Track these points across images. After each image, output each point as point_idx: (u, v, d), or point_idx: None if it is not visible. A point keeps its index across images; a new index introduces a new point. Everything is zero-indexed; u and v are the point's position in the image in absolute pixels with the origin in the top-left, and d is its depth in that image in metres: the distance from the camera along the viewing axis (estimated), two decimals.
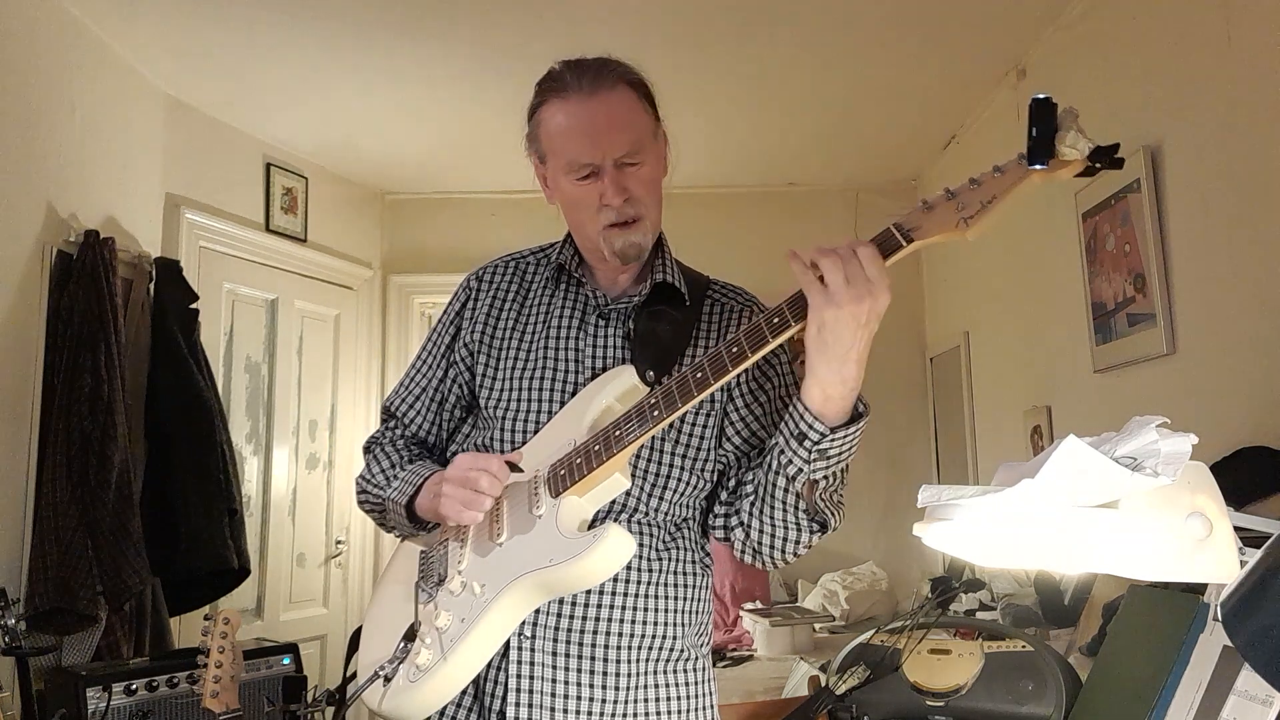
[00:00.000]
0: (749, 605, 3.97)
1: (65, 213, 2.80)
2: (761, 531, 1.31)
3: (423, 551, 1.42)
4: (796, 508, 1.26)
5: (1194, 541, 0.86)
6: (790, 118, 3.74)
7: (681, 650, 1.38)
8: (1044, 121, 1.02)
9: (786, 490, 1.24)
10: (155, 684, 2.26)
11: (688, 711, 1.37)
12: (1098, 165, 1.03)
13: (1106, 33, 2.65)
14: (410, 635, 1.29)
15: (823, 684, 1.84)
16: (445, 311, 1.55)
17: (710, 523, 1.42)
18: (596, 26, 2.96)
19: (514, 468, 1.29)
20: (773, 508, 1.28)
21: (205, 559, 2.96)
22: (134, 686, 2.23)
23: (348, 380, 4.38)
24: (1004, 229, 3.49)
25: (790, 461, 1.22)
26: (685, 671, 1.38)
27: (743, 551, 1.36)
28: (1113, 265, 2.56)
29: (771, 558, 1.33)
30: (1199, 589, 1.24)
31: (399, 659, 1.26)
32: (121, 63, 3.14)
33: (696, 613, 1.41)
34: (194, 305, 3.22)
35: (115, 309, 2.77)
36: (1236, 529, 0.89)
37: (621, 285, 1.47)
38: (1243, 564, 0.85)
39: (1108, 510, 0.86)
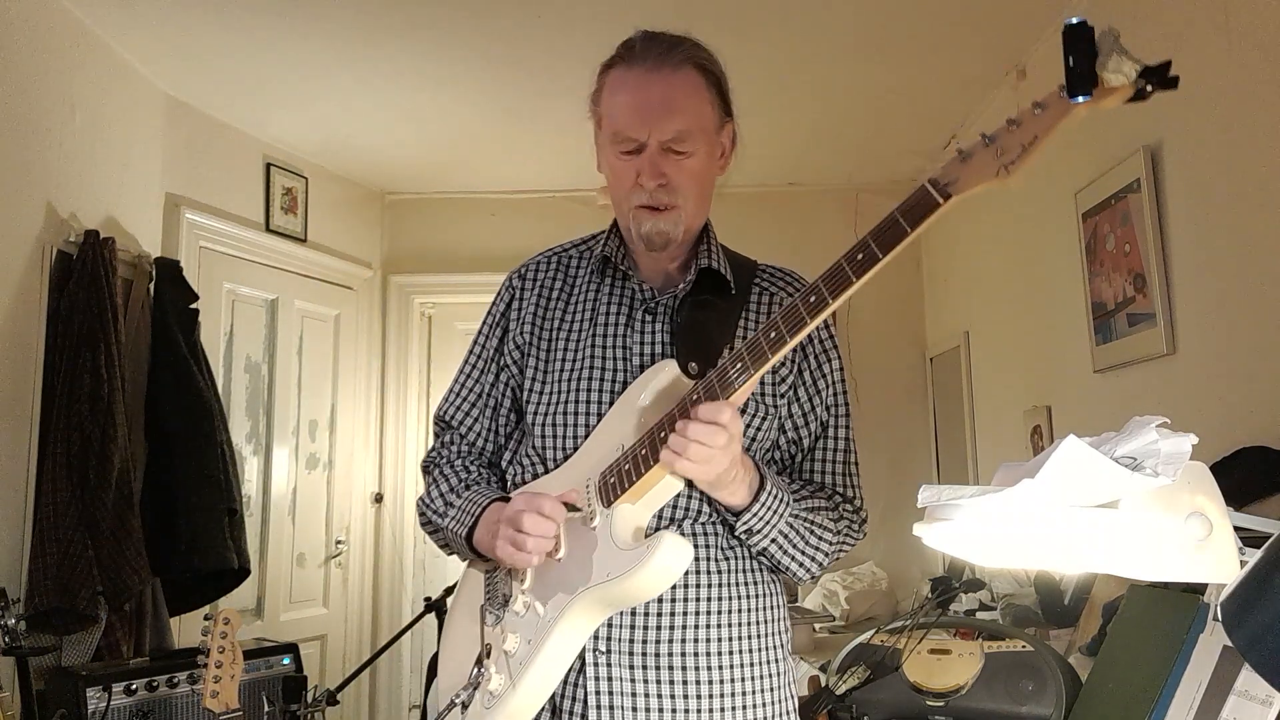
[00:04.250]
0: None
1: (65, 213, 2.80)
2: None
3: (487, 573, 1.39)
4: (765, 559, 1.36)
5: (1194, 541, 0.86)
6: (790, 118, 3.74)
7: (759, 651, 1.35)
8: (1081, 49, 0.91)
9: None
10: (155, 684, 2.26)
11: (771, 718, 1.34)
12: (1149, 88, 0.92)
13: None
14: (482, 660, 1.28)
15: (823, 684, 1.84)
16: (490, 313, 1.51)
17: None
18: (596, 26, 2.95)
19: (571, 507, 1.27)
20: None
21: (205, 559, 2.96)
22: (134, 686, 2.23)
23: (348, 380, 4.38)
24: (1004, 229, 3.50)
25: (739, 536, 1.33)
26: (766, 677, 1.34)
27: None
28: (1113, 265, 2.56)
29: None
30: (1199, 589, 1.24)
31: (473, 685, 1.25)
32: (121, 63, 3.14)
33: (769, 609, 1.38)
34: (194, 305, 3.22)
35: (115, 309, 2.77)
36: (1236, 529, 0.89)
37: (668, 276, 1.42)
38: (1243, 564, 0.85)
39: (1108, 510, 0.86)
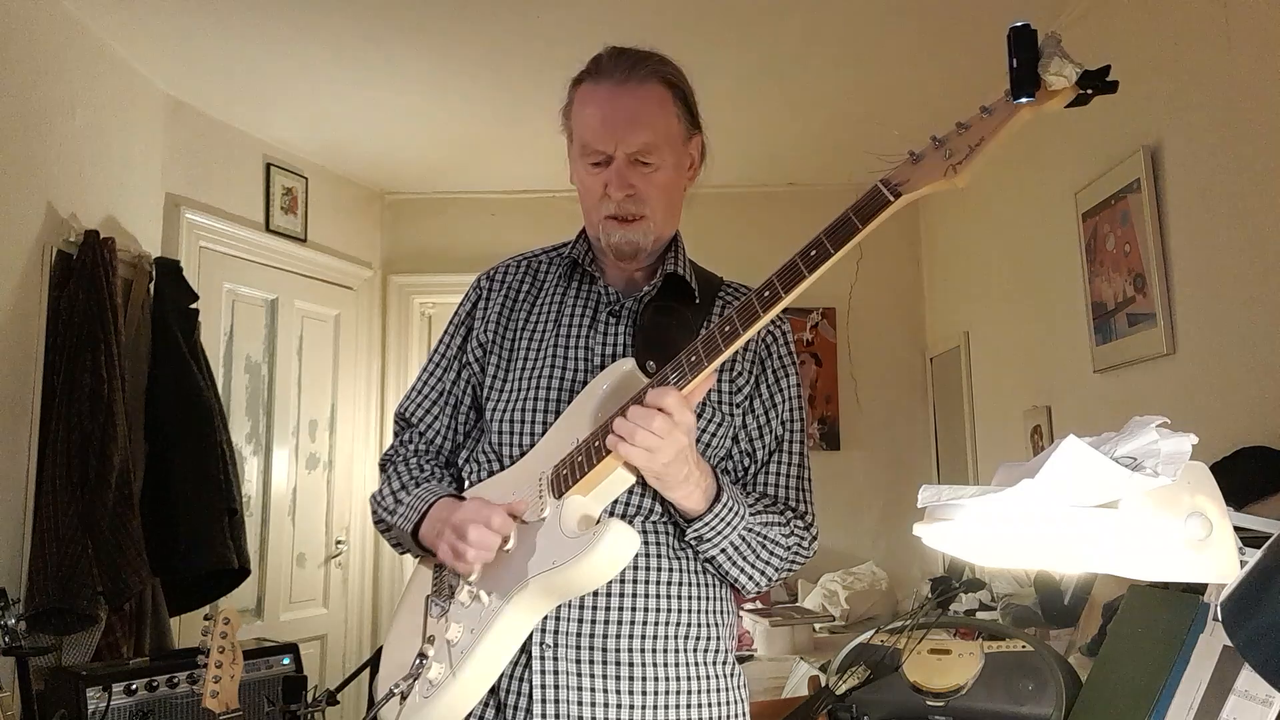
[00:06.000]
0: (749, 605, 3.97)
1: (65, 213, 2.80)
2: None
3: (436, 565, 1.39)
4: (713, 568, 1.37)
5: (1194, 541, 0.86)
6: (790, 118, 3.74)
7: (706, 652, 1.35)
8: (1025, 51, 0.95)
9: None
10: (155, 684, 2.26)
11: (719, 717, 1.34)
12: (1089, 90, 0.95)
13: (1106, 33, 2.65)
14: (424, 651, 1.27)
15: (823, 684, 1.84)
16: (455, 313, 1.53)
17: None
18: (596, 26, 2.95)
19: (517, 518, 1.28)
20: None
21: (205, 559, 2.96)
22: (134, 686, 2.23)
23: (348, 380, 4.38)
24: (1004, 229, 3.50)
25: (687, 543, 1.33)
26: (714, 677, 1.35)
27: None
28: (1113, 265, 2.56)
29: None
30: (1199, 589, 1.24)
31: (414, 675, 1.24)
32: (121, 63, 3.14)
33: (718, 612, 1.38)
34: (194, 305, 3.22)
35: (115, 309, 2.77)
36: (1236, 529, 0.89)
37: (634, 281, 1.45)
38: (1243, 564, 0.85)
39: (1108, 510, 0.86)
